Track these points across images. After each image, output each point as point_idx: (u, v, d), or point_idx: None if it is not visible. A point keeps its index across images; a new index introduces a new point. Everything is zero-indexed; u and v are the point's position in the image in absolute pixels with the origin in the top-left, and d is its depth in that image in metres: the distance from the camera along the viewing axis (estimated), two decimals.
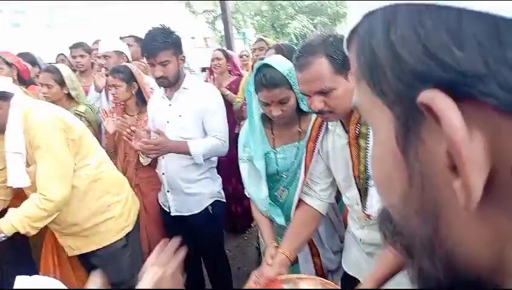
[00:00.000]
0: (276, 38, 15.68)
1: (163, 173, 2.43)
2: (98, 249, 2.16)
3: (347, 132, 1.46)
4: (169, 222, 2.54)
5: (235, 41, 6.60)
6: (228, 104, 3.57)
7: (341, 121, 1.48)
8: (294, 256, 1.54)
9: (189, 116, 2.31)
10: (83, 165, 2.07)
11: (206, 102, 2.30)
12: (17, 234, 2.51)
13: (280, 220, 1.81)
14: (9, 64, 3.15)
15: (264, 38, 4.17)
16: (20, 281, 1.60)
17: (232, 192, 3.62)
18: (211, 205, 2.43)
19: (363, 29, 0.34)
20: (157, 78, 2.30)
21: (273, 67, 1.68)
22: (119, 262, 2.21)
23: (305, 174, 1.62)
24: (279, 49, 2.71)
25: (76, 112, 2.80)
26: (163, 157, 2.41)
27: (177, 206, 2.45)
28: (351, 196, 1.53)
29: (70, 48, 3.68)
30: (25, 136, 1.95)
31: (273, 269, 1.47)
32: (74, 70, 3.40)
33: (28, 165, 2.01)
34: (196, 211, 2.41)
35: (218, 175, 2.55)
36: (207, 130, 2.32)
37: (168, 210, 2.49)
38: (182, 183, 2.38)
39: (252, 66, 3.30)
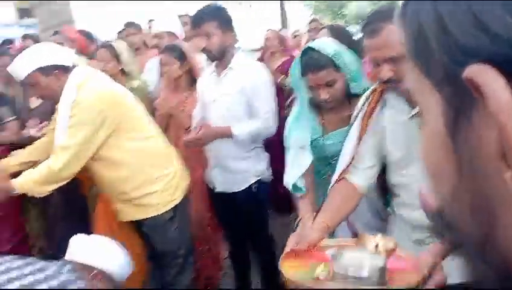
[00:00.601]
0: (333, 19, 15.33)
1: (209, 150, 2.48)
2: (146, 219, 2.25)
3: (412, 106, 1.40)
4: (214, 198, 2.61)
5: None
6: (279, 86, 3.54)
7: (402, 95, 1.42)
8: (333, 229, 1.47)
9: (234, 95, 2.32)
10: (130, 138, 2.15)
11: (252, 82, 2.30)
12: (76, 199, 2.69)
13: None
14: (70, 40, 3.31)
15: (318, 19, 4.11)
16: (73, 242, 1.70)
17: (281, 172, 3.61)
18: (255, 183, 2.45)
19: (413, 3, 0.33)
20: (202, 50, 2.35)
21: (318, 49, 1.66)
22: (166, 233, 2.29)
23: (353, 152, 1.55)
24: (332, 30, 2.65)
25: (131, 87, 2.90)
26: None
27: (221, 183, 2.49)
28: (411, 173, 1.44)
29: (124, 26, 3.79)
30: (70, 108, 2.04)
31: (316, 233, 1.36)
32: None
33: None
34: (240, 189, 2.44)
35: (265, 154, 2.55)
36: (252, 112, 2.33)
37: (213, 186, 2.54)
38: (227, 160, 2.42)
39: None
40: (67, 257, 1.63)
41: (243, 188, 2.44)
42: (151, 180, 2.22)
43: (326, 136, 1.85)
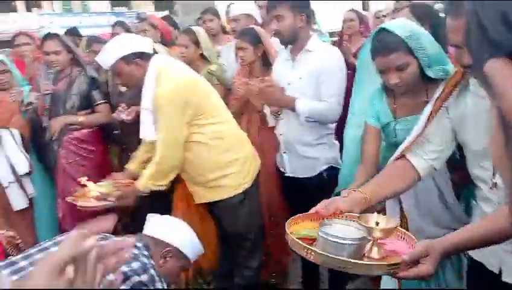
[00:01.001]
0: None
1: (280, 134, 2.50)
2: (218, 201, 2.34)
3: None
4: (285, 182, 2.62)
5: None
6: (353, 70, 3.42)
7: None
8: (373, 202, 1.38)
9: (308, 78, 2.30)
10: (207, 123, 2.24)
11: (322, 65, 2.27)
12: None
13: None
14: (154, 27, 3.48)
15: None
16: (152, 219, 1.83)
17: None
18: (325, 170, 2.42)
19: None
20: (273, 34, 2.36)
21: (390, 31, 1.57)
22: (237, 216, 2.36)
23: (420, 133, 1.47)
24: (415, 9, 2.48)
25: (209, 70, 3.01)
26: (282, 119, 2.47)
27: (292, 168, 2.49)
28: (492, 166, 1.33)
29: (201, 13, 3.86)
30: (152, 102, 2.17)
31: (345, 203, 1.32)
32: None
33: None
34: (310, 175, 2.43)
35: (336, 142, 2.52)
36: (320, 94, 2.29)
37: (284, 170, 2.55)
38: (297, 145, 2.41)
39: None
40: (145, 232, 1.76)
41: (314, 174, 2.43)
42: (226, 163, 2.30)
43: (398, 121, 1.77)
